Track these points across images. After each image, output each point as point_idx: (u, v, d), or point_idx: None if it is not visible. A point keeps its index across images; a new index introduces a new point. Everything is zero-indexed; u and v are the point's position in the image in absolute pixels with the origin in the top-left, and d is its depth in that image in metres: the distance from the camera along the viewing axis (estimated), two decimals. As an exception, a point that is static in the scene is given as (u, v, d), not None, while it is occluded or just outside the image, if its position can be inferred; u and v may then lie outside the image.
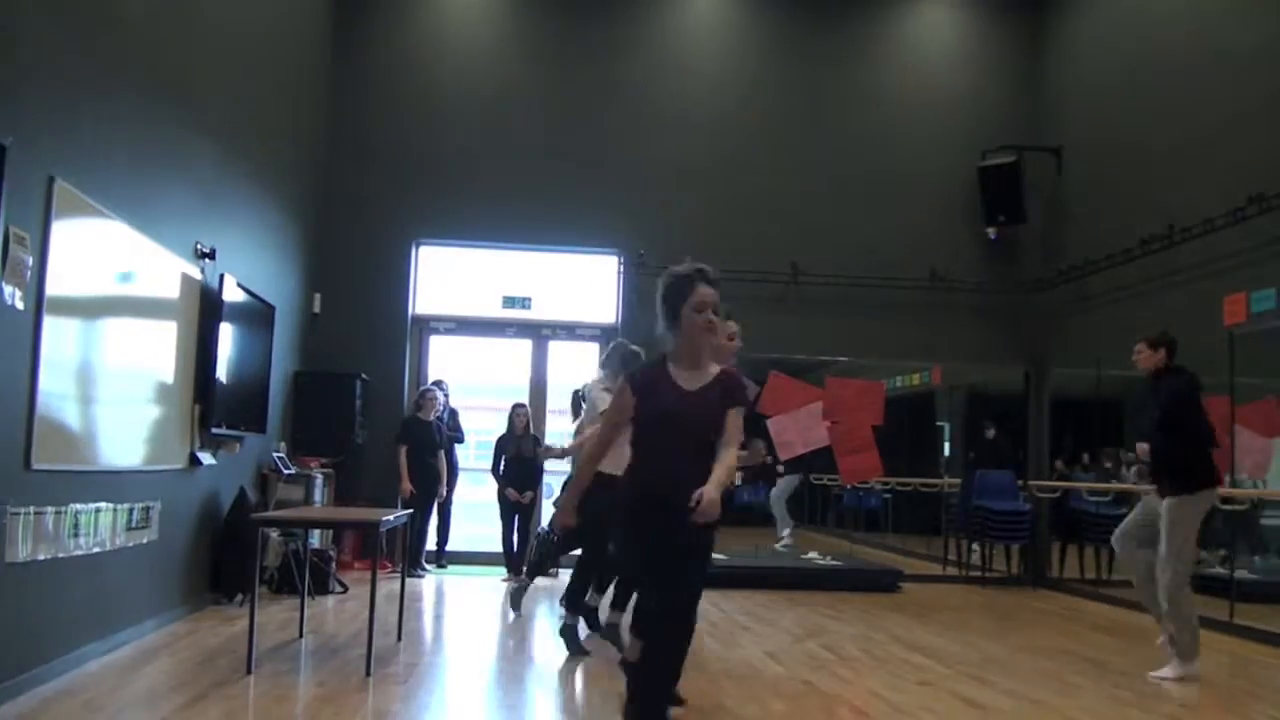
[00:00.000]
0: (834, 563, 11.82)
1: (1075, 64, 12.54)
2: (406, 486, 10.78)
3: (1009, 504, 12.06)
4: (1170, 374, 6.94)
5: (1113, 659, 7.57)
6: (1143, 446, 6.99)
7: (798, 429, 11.24)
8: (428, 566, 11.23)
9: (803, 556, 12.03)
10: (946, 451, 14.10)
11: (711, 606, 9.54)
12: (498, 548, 11.12)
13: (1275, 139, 8.98)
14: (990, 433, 12.89)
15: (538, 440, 11.43)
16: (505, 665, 6.97)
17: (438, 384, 11.76)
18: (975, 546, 12.41)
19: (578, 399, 9.19)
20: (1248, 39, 9.47)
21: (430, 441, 11.06)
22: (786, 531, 12.68)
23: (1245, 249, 9.02)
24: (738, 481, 9.35)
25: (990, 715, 5.68)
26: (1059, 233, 12.48)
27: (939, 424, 14.21)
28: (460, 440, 12.06)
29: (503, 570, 10.90)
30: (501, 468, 11.02)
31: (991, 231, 12.63)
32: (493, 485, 11.13)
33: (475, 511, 12.48)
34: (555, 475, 12.15)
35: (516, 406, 11.34)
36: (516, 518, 10.99)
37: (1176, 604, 6.67)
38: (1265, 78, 9.18)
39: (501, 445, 11.14)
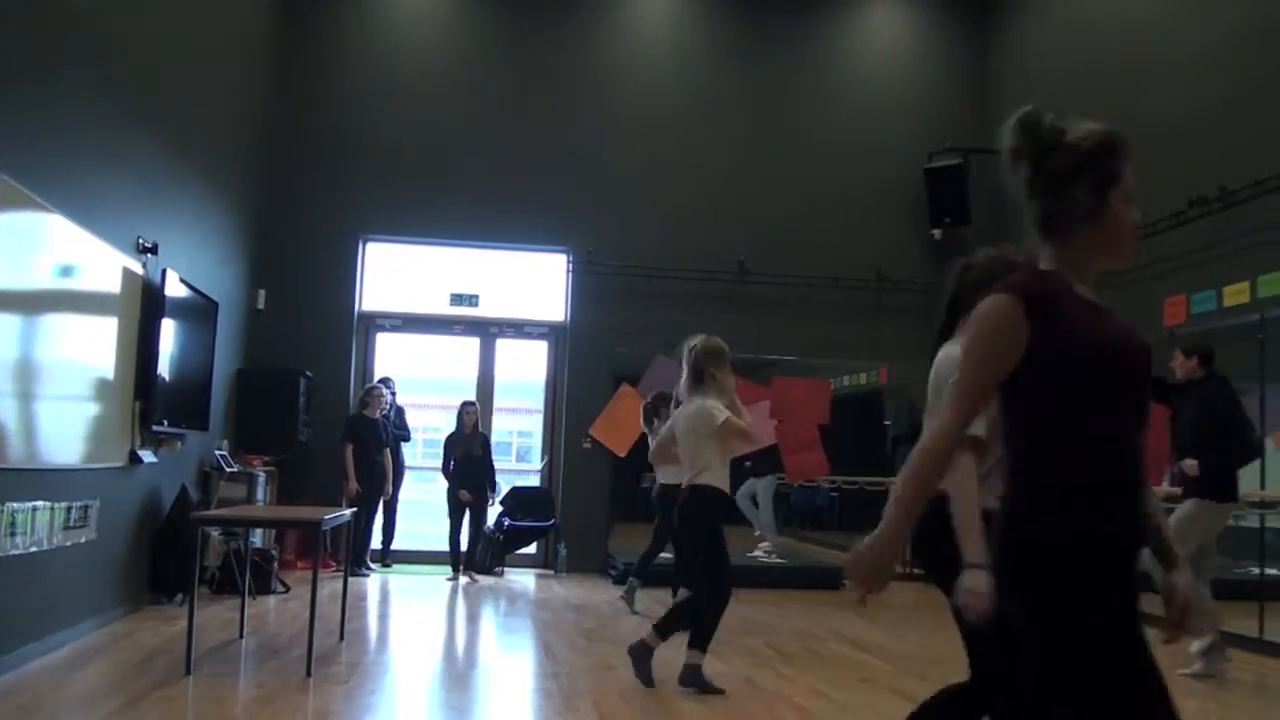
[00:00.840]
0: (779, 560, 11.90)
1: (1021, 68, 12.67)
2: (353, 485, 10.73)
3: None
4: (1201, 383, 7.02)
5: (1052, 656, 7.66)
6: (1190, 463, 6.93)
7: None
8: (373, 565, 11.17)
9: (748, 554, 12.08)
10: (892, 451, 14.21)
11: (656, 605, 9.56)
12: (443, 546, 11.08)
13: (1216, 144, 9.14)
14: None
15: (486, 439, 11.40)
16: (448, 665, 6.97)
17: (384, 381, 11.69)
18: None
19: (650, 412, 9.08)
20: (1191, 48, 9.62)
21: (376, 439, 11.00)
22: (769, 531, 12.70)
23: (1186, 251, 9.15)
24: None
25: (930, 712, 5.74)
26: (1003, 234, 12.53)
27: (885, 423, 14.31)
28: (406, 438, 12.01)
29: (448, 569, 10.87)
30: (451, 467, 11.00)
31: (937, 233, 12.73)
32: (439, 484, 11.09)
33: (421, 510, 12.45)
34: (504, 475, 12.14)
35: (466, 404, 11.29)
36: (466, 516, 10.96)
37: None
38: (1207, 85, 9.34)
39: (450, 444, 11.10)
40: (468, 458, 10.98)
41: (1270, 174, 8.32)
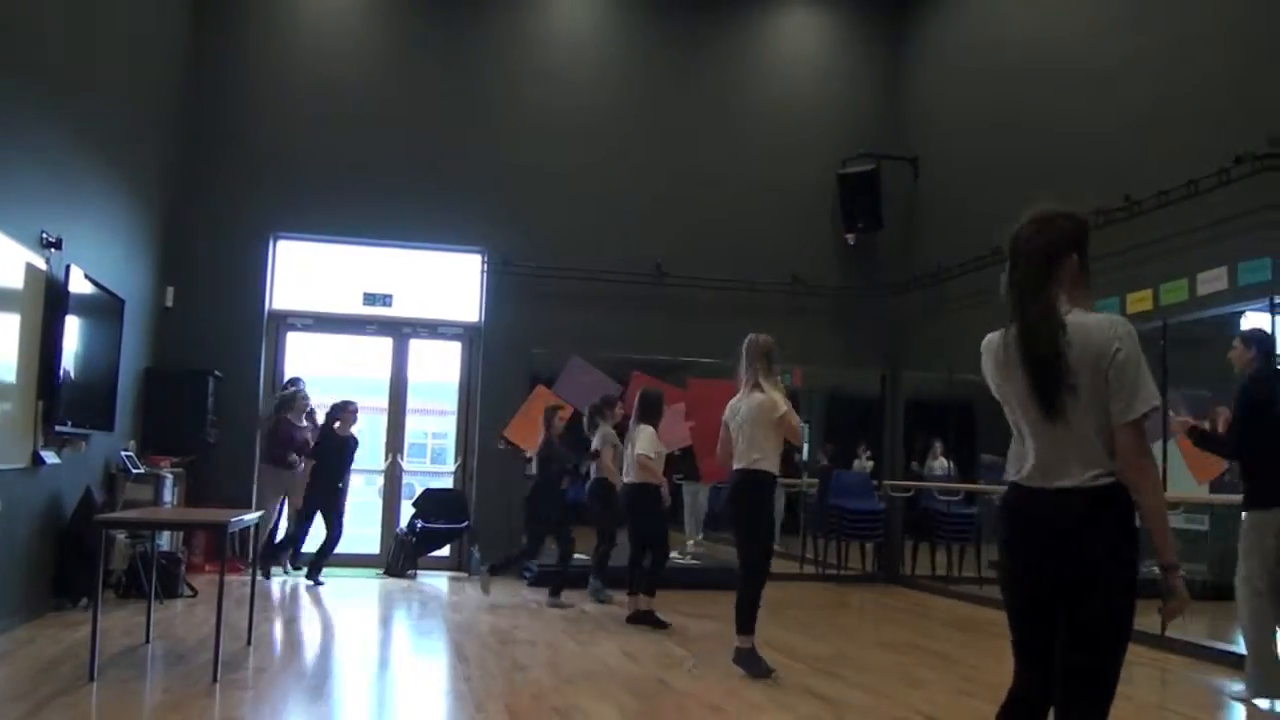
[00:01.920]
0: (694, 561, 11.97)
1: (933, 79, 12.93)
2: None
3: (864, 503, 12.41)
4: (1252, 378, 6.50)
5: (959, 653, 7.84)
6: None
7: (661, 428, 11.36)
8: (322, 581, 10.57)
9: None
10: (806, 452, 14.36)
11: (572, 608, 9.60)
12: (355, 549, 10.98)
13: (1116, 156, 9.41)
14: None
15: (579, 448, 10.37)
16: (358, 669, 6.93)
17: (294, 381, 11.57)
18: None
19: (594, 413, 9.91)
20: (1095, 63, 9.87)
21: (343, 454, 10.80)
22: (692, 542, 12.78)
23: (1091, 259, 9.33)
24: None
25: (839, 709, 5.84)
26: (914, 239, 12.85)
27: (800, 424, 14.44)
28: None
29: (360, 571, 10.72)
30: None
31: (850, 237, 12.93)
32: (351, 487, 10.95)
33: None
34: (418, 477, 12.06)
35: (556, 409, 10.40)
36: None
37: (1253, 628, 6.23)
38: (1110, 100, 9.61)
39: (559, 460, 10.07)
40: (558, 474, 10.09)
41: (1172, 185, 8.57)
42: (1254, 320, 8.05)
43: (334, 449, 10.74)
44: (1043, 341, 3.07)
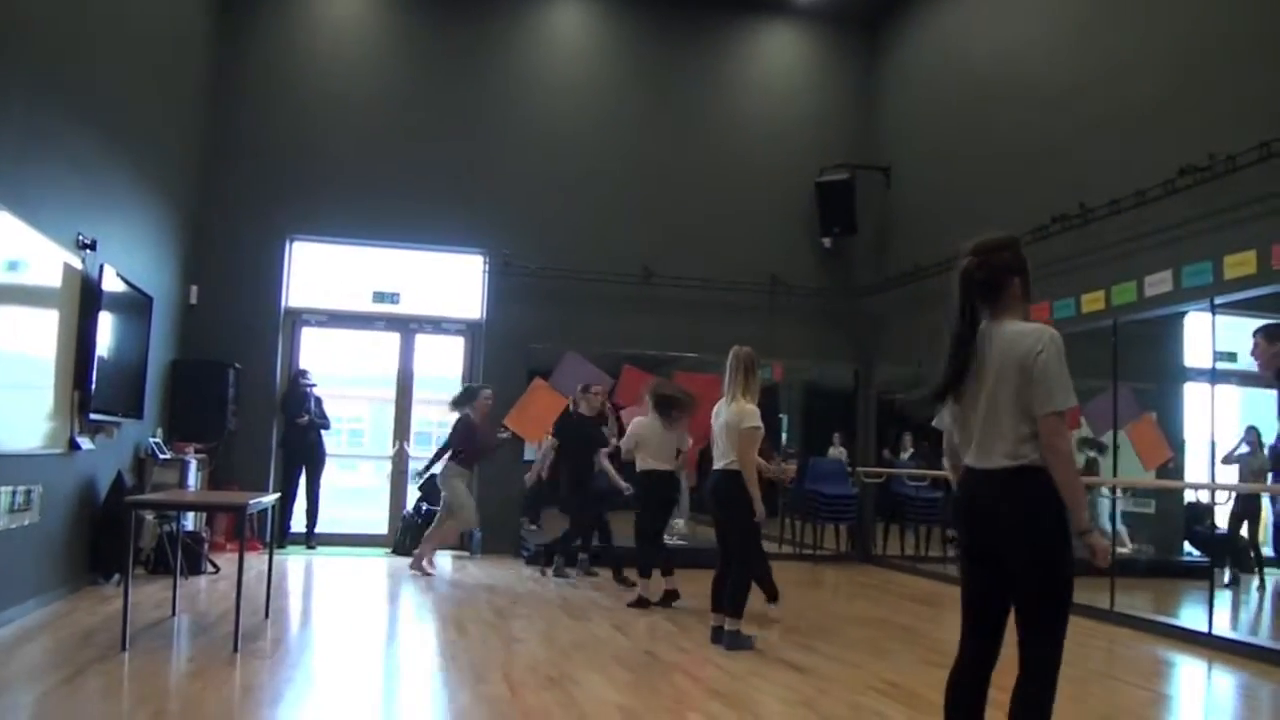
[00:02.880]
0: (680, 542, 12.07)
1: (903, 94, 13.03)
2: (622, 485, 9.86)
3: (839, 489, 12.54)
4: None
5: (924, 626, 7.96)
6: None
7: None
8: (569, 572, 10.30)
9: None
10: (784, 441, 14.48)
11: (566, 584, 9.71)
12: (365, 530, 11.08)
13: (1071, 166, 9.53)
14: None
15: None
16: (366, 641, 7.01)
17: (302, 374, 11.67)
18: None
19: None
20: (1055, 78, 9.99)
21: (586, 439, 10.24)
22: (680, 523, 12.86)
23: (1049, 262, 9.48)
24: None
25: (813, 678, 5.95)
26: (886, 243, 12.96)
27: (779, 415, 14.56)
28: (327, 427, 11.90)
29: (371, 551, 10.82)
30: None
31: (826, 241, 13.06)
32: (362, 471, 11.05)
33: (347, 495, 12.41)
34: (424, 462, 12.10)
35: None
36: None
37: None
38: (1065, 114, 9.72)
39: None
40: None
41: (1122, 194, 8.70)
42: (1198, 319, 8.19)
43: (572, 431, 10.39)
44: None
